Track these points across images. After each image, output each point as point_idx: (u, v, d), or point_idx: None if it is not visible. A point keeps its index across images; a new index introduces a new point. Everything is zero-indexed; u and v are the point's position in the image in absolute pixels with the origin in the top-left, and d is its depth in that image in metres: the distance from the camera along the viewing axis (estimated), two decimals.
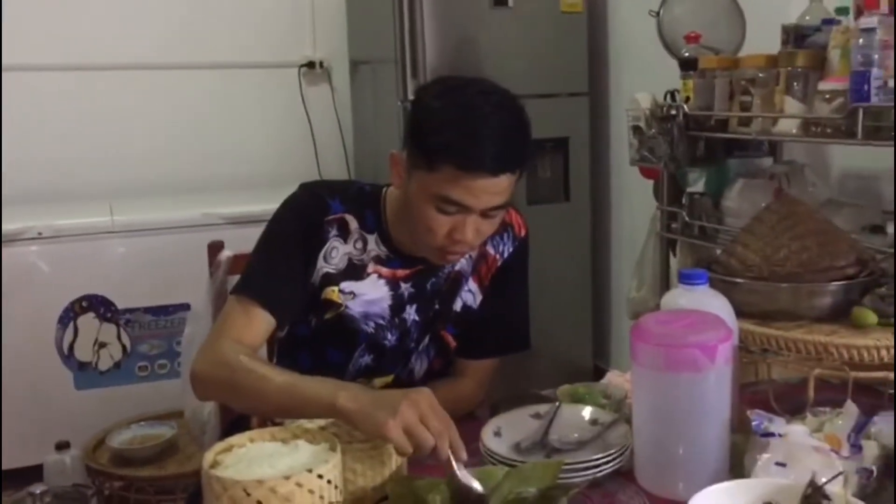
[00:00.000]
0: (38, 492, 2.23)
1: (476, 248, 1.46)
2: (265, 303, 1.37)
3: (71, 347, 2.87)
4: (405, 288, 1.47)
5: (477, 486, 1.06)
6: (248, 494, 0.96)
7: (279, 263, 1.42)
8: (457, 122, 1.30)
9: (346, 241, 1.44)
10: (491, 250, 1.52)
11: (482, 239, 1.40)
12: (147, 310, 2.94)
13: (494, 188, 1.30)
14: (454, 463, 1.08)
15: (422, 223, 1.35)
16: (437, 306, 1.49)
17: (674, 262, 2.42)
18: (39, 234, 2.81)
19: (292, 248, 1.42)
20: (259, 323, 1.37)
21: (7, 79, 3.18)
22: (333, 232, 1.44)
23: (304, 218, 1.44)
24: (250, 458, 1.05)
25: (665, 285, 2.37)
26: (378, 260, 1.45)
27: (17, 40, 3.19)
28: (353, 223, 1.45)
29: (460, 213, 1.32)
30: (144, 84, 3.43)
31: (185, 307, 2.89)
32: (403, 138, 1.39)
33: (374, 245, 1.45)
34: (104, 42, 3.34)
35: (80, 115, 3.35)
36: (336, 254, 1.44)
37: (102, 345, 2.91)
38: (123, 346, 2.93)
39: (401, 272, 1.46)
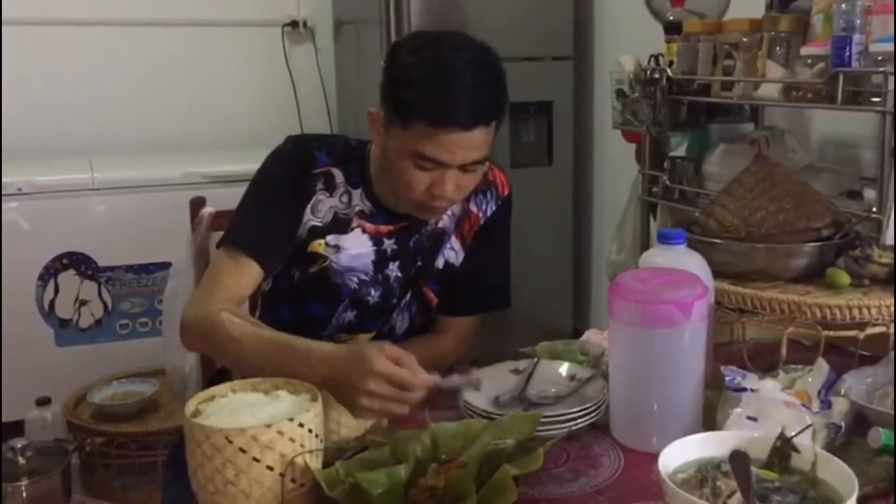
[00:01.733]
0: (19, 446, 2.25)
1: (459, 203, 1.46)
2: (254, 254, 1.37)
3: (51, 305, 2.87)
4: (388, 244, 1.47)
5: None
6: (230, 442, 0.97)
7: (267, 214, 1.42)
8: (428, 77, 1.30)
9: (331, 194, 1.44)
10: (474, 208, 1.52)
11: (464, 194, 1.41)
12: (128, 268, 2.94)
13: (469, 143, 1.30)
14: (438, 383, 1.15)
15: (401, 180, 1.35)
16: (419, 263, 1.50)
17: (654, 226, 2.44)
18: (19, 189, 2.79)
19: (280, 199, 1.42)
20: (248, 274, 1.37)
21: None
22: (320, 185, 1.44)
23: (291, 169, 1.44)
24: (232, 407, 1.06)
25: (645, 249, 2.38)
26: (362, 215, 1.46)
27: None
28: (339, 177, 1.45)
29: (438, 169, 1.32)
30: (127, 40, 3.39)
31: (166, 266, 2.87)
32: (380, 95, 1.39)
33: (358, 200, 1.46)
34: None
35: (62, 71, 3.31)
36: (322, 207, 1.44)
37: (83, 302, 2.91)
38: (104, 304, 2.93)
39: (384, 228, 1.47)
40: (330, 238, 1.44)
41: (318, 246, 1.44)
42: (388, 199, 1.45)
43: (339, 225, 1.45)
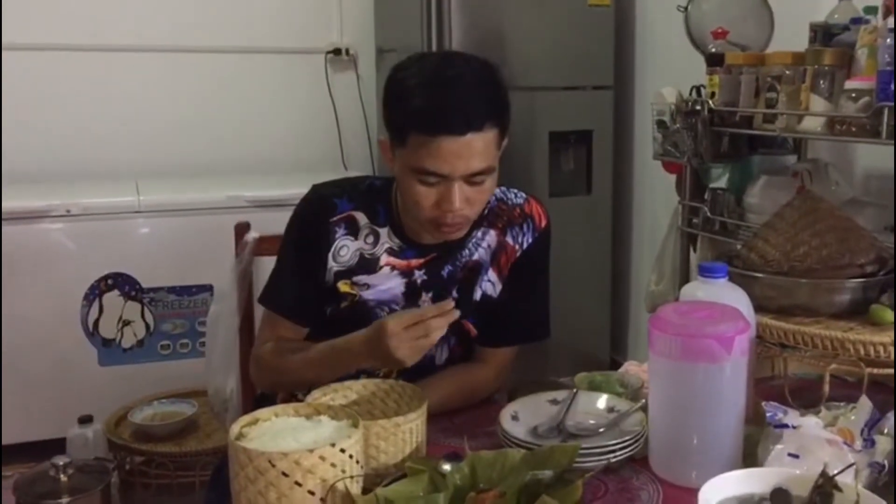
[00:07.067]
0: (60, 463, 2.28)
1: (472, 218, 1.42)
2: (287, 314, 1.50)
3: (95, 324, 2.92)
4: (418, 275, 1.49)
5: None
6: (273, 465, 0.99)
7: (294, 273, 1.51)
8: (417, 88, 1.33)
9: (356, 237, 1.48)
10: (510, 240, 1.53)
11: (477, 208, 1.40)
12: (170, 289, 2.99)
13: (466, 150, 1.31)
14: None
15: (409, 198, 1.38)
16: (455, 296, 1.51)
17: (694, 257, 2.43)
18: (68, 211, 2.85)
19: (300, 256, 1.50)
20: (289, 329, 1.51)
21: (40, 58, 3.24)
22: (341, 231, 1.48)
23: (307, 223, 1.50)
24: (275, 431, 1.08)
25: (685, 279, 2.38)
26: (391, 252, 1.48)
27: (49, 19, 3.24)
28: (363, 219, 1.48)
29: (442, 183, 1.33)
30: (174, 66, 3.47)
31: (208, 288, 2.94)
32: (383, 120, 1.43)
33: (386, 238, 1.48)
34: (133, 23, 3.39)
35: (110, 96, 3.40)
36: (346, 252, 1.48)
37: (126, 322, 2.95)
38: (147, 325, 2.98)
39: (414, 262, 1.48)
40: (357, 278, 1.48)
41: (345, 285, 1.48)
42: (417, 233, 1.47)
43: (367, 265, 1.48)
